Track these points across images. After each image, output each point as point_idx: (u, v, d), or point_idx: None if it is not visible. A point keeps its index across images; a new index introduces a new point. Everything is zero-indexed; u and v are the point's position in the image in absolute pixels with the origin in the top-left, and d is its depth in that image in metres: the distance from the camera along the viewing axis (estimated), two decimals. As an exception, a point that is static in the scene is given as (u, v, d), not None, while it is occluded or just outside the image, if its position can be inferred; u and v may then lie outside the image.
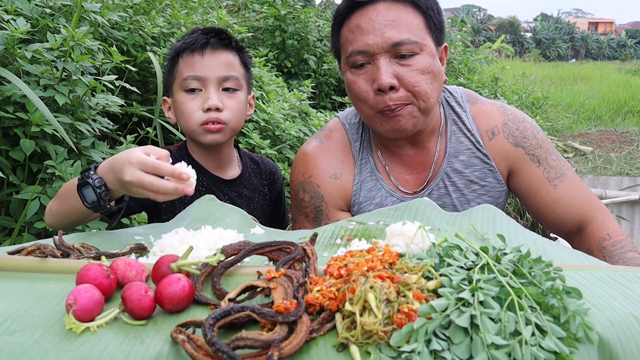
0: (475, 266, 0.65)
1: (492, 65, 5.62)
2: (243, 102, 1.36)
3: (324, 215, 1.34)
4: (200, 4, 3.28)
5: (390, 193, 1.34)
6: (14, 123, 1.52)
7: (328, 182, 1.34)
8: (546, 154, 1.32)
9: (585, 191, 1.32)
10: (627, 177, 3.97)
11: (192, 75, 1.30)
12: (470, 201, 1.34)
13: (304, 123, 2.91)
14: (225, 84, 1.32)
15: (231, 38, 1.37)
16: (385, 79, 1.15)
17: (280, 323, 0.56)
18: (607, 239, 1.25)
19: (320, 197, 1.34)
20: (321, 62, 4.20)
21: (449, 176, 1.33)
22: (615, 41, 33.38)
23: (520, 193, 1.34)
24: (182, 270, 0.69)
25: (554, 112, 7.95)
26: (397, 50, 1.17)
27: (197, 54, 1.31)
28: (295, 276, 0.66)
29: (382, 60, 1.17)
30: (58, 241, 0.80)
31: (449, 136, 1.34)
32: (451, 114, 1.36)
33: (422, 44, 1.19)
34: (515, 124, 1.33)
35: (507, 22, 33.90)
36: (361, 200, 1.34)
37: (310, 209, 1.35)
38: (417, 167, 1.35)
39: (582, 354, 0.56)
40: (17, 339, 0.58)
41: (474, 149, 1.33)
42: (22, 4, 1.68)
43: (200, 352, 0.53)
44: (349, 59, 1.23)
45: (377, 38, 1.17)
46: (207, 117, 1.29)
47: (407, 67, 1.18)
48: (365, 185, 1.34)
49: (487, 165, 1.32)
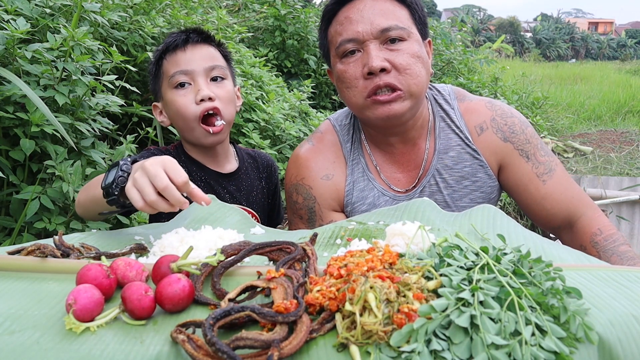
0: (475, 266, 0.65)
1: (492, 65, 5.63)
2: (232, 91, 1.38)
3: (317, 216, 1.35)
4: (200, 4, 3.28)
5: (383, 192, 1.34)
6: (14, 123, 1.52)
7: (320, 183, 1.35)
8: (535, 149, 1.33)
9: (573, 187, 1.34)
10: (627, 177, 3.97)
11: (179, 71, 1.32)
12: (462, 197, 1.34)
13: (304, 123, 2.91)
14: (212, 73, 1.34)
15: (209, 34, 1.40)
16: (376, 62, 1.17)
17: (280, 323, 0.56)
18: (599, 234, 1.26)
19: (313, 198, 1.35)
20: (321, 62, 4.20)
21: (440, 173, 1.34)
22: (615, 41, 33.38)
23: (510, 188, 1.36)
24: (182, 270, 0.69)
25: (554, 112, 7.95)
26: (387, 35, 1.20)
27: (180, 50, 1.33)
28: (295, 276, 0.66)
29: (372, 46, 1.20)
30: (58, 241, 0.80)
31: (437, 133, 1.35)
32: (439, 111, 1.37)
33: (410, 31, 1.23)
34: (504, 119, 1.34)
35: (507, 22, 33.91)
36: (354, 201, 1.35)
37: (304, 211, 1.36)
38: (408, 165, 1.36)
39: (582, 354, 0.56)
40: (17, 339, 0.58)
41: (463, 144, 1.33)
42: (22, 4, 1.68)
43: (200, 352, 0.53)
44: (339, 49, 1.24)
45: (366, 26, 1.20)
46: (203, 108, 1.29)
47: (397, 51, 1.20)
48: (358, 185, 1.35)
49: (477, 161, 1.33)
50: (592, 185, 3.45)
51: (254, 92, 2.60)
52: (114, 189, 0.92)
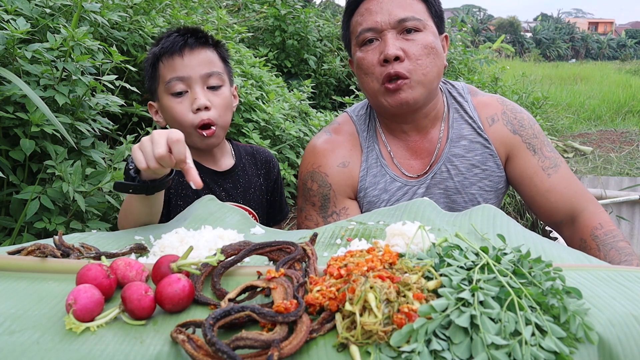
0: (475, 266, 0.65)
1: (492, 65, 5.62)
2: (228, 96, 1.38)
3: (331, 203, 1.39)
4: (200, 4, 3.28)
5: (395, 178, 1.39)
6: (14, 123, 1.52)
7: (336, 170, 1.39)
8: (541, 144, 1.40)
9: (577, 183, 1.39)
10: (627, 177, 3.97)
11: (175, 77, 1.31)
12: (471, 185, 1.40)
13: (304, 123, 2.91)
14: (209, 81, 1.34)
15: (207, 35, 1.39)
16: (391, 50, 1.25)
17: (280, 323, 0.56)
18: (600, 228, 1.31)
19: (329, 185, 1.39)
20: (321, 62, 4.20)
21: (451, 160, 1.39)
22: (615, 41, 33.39)
23: (516, 180, 1.41)
24: (182, 270, 0.69)
25: (554, 112, 7.95)
26: (403, 25, 1.27)
27: (177, 55, 1.32)
28: (295, 276, 0.66)
29: (389, 35, 1.27)
30: (58, 241, 0.80)
31: (451, 123, 1.41)
32: (453, 103, 1.44)
33: (426, 23, 1.30)
34: (514, 113, 1.42)
35: (507, 22, 33.91)
36: (367, 186, 1.39)
37: (318, 198, 1.40)
38: (420, 153, 1.41)
39: (582, 354, 0.56)
40: (17, 339, 0.58)
41: (475, 134, 1.40)
42: (22, 4, 1.68)
43: (200, 352, 0.53)
44: (359, 37, 1.32)
45: (384, 16, 1.28)
46: (200, 119, 1.30)
47: (412, 41, 1.28)
48: (371, 171, 1.40)
49: (488, 150, 1.39)
50: (592, 185, 3.44)
51: (254, 92, 2.60)
52: (128, 170, 1.00)
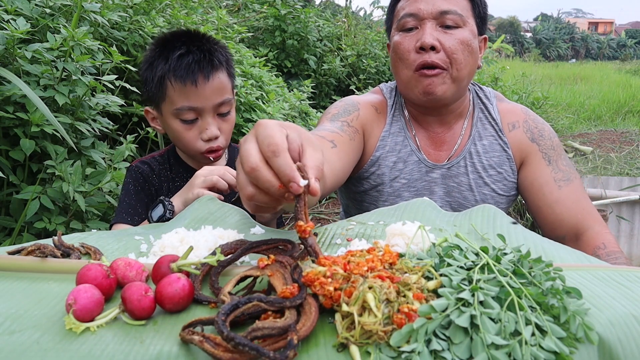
0: (475, 266, 0.65)
1: (492, 65, 5.62)
2: (234, 118, 1.40)
3: (348, 115, 1.39)
4: (200, 4, 3.28)
5: (415, 153, 1.42)
6: (14, 123, 1.52)
7: (369, 108, 1.44)
8: (558, 157, 1.40)
9: (587, 201, 1.37)
10: (627, 177, 3.97)
11: (187, 106, 1.28)
12: (485, 185, 1.41)
13: (304, 123, 2.91)
14: (220, 109, 1.33)
15: (220, 56, 1.33)
16: (428, 39, 1.28)
17: (289, 307, 0.57)
18: (603, 248, 1.27)
19: (357, 107, 1.42)
20: (321, 62, 4.20)
21: (471, 157, 1.42)
22: (615, 41, 33.38)
23: (525, 188, 1.41)
24: (182, 270, 0.69)
25: (554, 112, 7.95)
26: (444, 18, 1.30)
27: (190, 84, 1.26)
28: (287, 260, 0.67)
29: (429, 24, 1.30)
30: (58, 241, 0.80)
31: (475, 121, 1.45)
32: (479, 104, 1.49)
33: (466, 20, 1.32)
34: (535, 123, 1.45)
35: (507, 22, 33.90)
36: (387, 150, 1.41)
37: (339, 109, 1.41)
38: (442, 145, 1.45)
39: (582, 354, 0.56)
40: (17, 339, 0.58)
41: (496, 136, 1.44)
42: (22, 4, 1.68)
43: (219, 349, 0.53)
44: (400, 21, 1.35)
45: (428, 5, 1.31)
46: (209, 147, 1.32)
47: (450, 35, 1.30)
48: (394, 138, 1.43)
49: (506, 154, 1.42)
50: (592, 185, 3.44)
51: (254, 92, 2.60)
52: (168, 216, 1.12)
